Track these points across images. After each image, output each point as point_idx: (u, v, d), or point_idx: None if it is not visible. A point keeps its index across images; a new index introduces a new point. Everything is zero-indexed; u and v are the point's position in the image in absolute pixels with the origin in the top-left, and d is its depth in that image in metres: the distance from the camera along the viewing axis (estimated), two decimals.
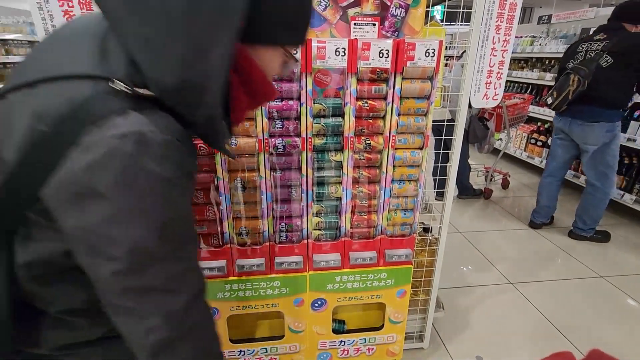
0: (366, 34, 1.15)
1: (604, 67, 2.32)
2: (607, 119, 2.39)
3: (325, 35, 1.16)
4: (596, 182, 2.57)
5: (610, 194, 2.58)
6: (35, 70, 0.49)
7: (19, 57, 4.72)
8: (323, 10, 1.14)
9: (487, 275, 2.32)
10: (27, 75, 0.49)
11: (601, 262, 2.48)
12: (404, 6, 1.16)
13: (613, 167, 2.52)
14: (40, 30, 1.06)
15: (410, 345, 1.68)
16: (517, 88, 4.76)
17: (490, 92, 1.38)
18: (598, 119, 2.40)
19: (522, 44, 4.53)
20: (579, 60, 2.47)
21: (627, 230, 2.94)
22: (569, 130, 2.57)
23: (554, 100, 2.50)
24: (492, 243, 2.73)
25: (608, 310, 2.01)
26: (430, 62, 1.12)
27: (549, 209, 2.89)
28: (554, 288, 2.20)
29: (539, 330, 1.87)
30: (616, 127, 2.42)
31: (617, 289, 2.20)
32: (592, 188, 2.61)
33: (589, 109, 2.41)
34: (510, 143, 4.30)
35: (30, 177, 0.45)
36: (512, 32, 1.32)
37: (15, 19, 5.01)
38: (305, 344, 1.43)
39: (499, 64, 1.35)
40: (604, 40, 2.36)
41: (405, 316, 1.47)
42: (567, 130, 2.58)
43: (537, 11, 10.16)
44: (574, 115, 2.49)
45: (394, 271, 1.36)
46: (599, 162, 2.52)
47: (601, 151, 2.47)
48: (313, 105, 1.13)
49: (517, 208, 3.36)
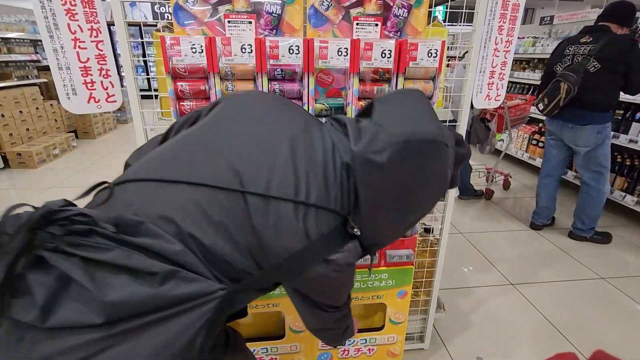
0: (369, 34, 1.15)
1: (591, 72, 2.35)
2: (597, 122, 2.41)
3: (328, 35, 1.16)
4: (590, 181, 2.59)
5: (605, 192, 2.59)
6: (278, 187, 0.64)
7: (21, 55, 4.73)
8: (325, 10, 1.14)
9: (487, 276, 2.32)
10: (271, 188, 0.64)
11: (602, 263, 2.48)
12: (406, 6, 1.15)
13: (606, 166, 2.54)
14: (43, 29, 1.06)
15: (410, 345, 1.68)
16: (519, 89, 4.75)
17: (492, 93, 1.38)
18: (588, 121, 2.42)
19: (524, 45, 4.52)
20: (566, 64, 2.50)
21: (628, 231, 2.93)
22: (561, 133, 2.61)
23: (545, 106, 2.53)
24: (493, 244, 2.73)
25: (609, 312, 2.01)
26: (432, 62, 1.12)
27: (549, 209, 2.89)
28: (554, 289, 2.20)
29: (539, 331, 1.86)
30: (606, 128, 2.44)
31: (618, 290, 2.20)
32: (586, 187, 2.63)
33: (579, 112, 2.44)
34: (512, 144, 4.29)
35: (290, 270, 0.67)
36: (515, 33, 1.32)
37: (17, 17, 5.02)
38: (306, 344, 1.43)
39: (501, 65, 1.35)
40: (590, 44, 2.38)
41: (406, 317, 1.47)
42: (559, 133, 2.62)
43: (539, 12, 10.14)
44: (565, 119, 2.53)
45: (395, 272, 1.36)
46: (591, 163, 2.54)
47: (593, 152, 2.50)
48: (315, 105, 1.13)
49: (518, 209, 3.35)
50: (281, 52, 1.06)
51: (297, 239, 0.64)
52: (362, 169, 0.67)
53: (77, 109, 1.17)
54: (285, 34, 1.14)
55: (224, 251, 0.62)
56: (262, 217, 0.62)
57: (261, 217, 0.62)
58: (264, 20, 1.12)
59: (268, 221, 0.63)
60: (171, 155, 0.70)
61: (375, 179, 0.67)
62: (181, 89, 1.07)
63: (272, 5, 1.11)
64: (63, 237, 0.53)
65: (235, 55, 1.05)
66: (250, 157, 0.66)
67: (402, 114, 0.70)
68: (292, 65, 1.08)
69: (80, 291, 0.52)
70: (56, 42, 1.08)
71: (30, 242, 0.52)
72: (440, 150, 0.69)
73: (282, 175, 0.65)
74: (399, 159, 0.66)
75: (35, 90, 4.61)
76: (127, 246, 0.55)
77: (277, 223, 0.63)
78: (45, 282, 0.51)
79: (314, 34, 1.15)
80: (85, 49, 1.12)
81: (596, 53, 2.32)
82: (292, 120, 0.72)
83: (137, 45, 8.48)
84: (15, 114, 4.20)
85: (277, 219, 0.63)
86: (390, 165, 0.65)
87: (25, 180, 3.76)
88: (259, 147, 0.67)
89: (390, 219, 0.73)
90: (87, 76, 1.15)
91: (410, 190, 0.70)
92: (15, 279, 0.51)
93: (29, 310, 0.50)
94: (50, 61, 1.09)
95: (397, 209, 0.72)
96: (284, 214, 0.63)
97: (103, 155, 4.66)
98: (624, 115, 3.10)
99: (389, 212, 0.71)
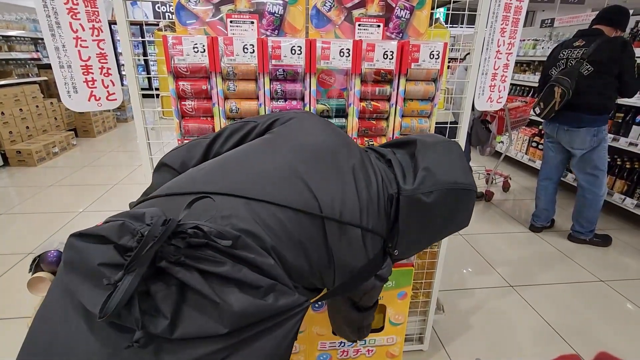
0: (371, 35, 1.15)
1: (585, 75, 2.36)
2: (593, 124, 2.42)
3: (330, 36, 1.16)
4: (586, 184, 2.61)
5: (601, 195, 2.60)
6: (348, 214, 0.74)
7: (21, 53, 4.72)
8: (328, 11, 1.14)
9: (487, 277, 2.32)
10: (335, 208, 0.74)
11: (601, 266, 2.48)
12: (408, 8, 1.15)
13: (602, 169, 2.55)
14: (45, 27, 1.06)
15: (410, 347, 1.68)
16: (519, 91, 4.76)
17: (494, 95, 1.38)
18: (583, 124, 2.44)
19: (525, 47, 4.52)
20: (560, 68, 2.52)
21: (627, 234, 2.93)
22: (557, 136, 2.62)
23: (541, 110, 2.56)
24: (493, 246, 2.73)
25: (608, 314, 2.01)
26: (434, 64, 1.12)
27: (548, 212, 2.90)
28: (554, 291, 2.20)
29: (539, 333, 1.86)
30: (602, 131, 2.45)
31: (617, 293, 2.19)
32: (582, 190, 2.65)
33: (574, 115, 2.45)
34: (512, 146, 4.29)
35: (353, 283, 0.78)
36: (517, 35, 1.32)
37: (18, 15, 5.01)
38: (305, 345, 1.43)
39: (503, 67, 1.35)
40: (583, 47, 2.39)
41: (406, 318, 1.47)
42: (556, 135, 2.64)
43: (540, 15, 10.16)
44: (561, 122, 2.55)
45: (395, 273, 1.36)
46: (587, 165, 2.56)
47: (589, 155, 2.51)
48: (317, 106, 1.13)
49: (518, 211, 3.35)
50: (283, 53, 1.06)
51: (360, 258, 0.76)
52: (409, 205, 0.79)
53: (77, 106, 1.17)
54: (287, 34, 1.14)
55: (303, 268, 0.70)
56: (337, 239, 0.72)
57: (337, 240, 0.72)
58: (266, 20, 1.12)
59: (341, 243, 0.73)
60: (250, 170, 0.73)
61: (417, 215, 0.80)
62: (183, 88, 1.07)
63: (275, 6, 1.11)
64: (184, 250, 0.55)
65: (237, 55, 1.05)
66: (325, 185, 0.74)
67: (447, 163, 0.83)
68: (294, 66, 1.08)
69: (199, 302, 0.54)
70: (58, 41, 1.08)
71: (156, 254, 0.54)
72: (472, 198, 0.85)
73: (351, 205, 0.74)
74: (442, 201, 0.79)
75: (36, 88, 4.61)
76: (236, 260, 0.58)
77: (349, 245, 0.73)
78: (168, 294, 0.53)
79: (316, 34, 1.15)
80: (87, 47, 1.12)
81: (589, 56, 2.34)
82: (351, 152, 0.82)
83: (137, 45, 8.47)
84: (15, 112, 4.19)
85: (348, 242, 0.73)
86: (435, 205, 0.79)
87: (24, 178, 3.75)
88: (331, 175, 0.76)
89: (418, 243, 0.89)
90: (88, 74, 1.14)
91: (441, 225, 0.86)
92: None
93: (158, 321, 0.52)
94: (51, 59, 1.09)
95: (426, 238, 0.89)
96: (354, 237, 0.74)
97: (103, 154, 4.65)
98: (624, 118, 3.11)
99: (420, 240, 0.88)
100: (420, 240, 0.88)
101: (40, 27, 1.07)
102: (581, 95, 2.37)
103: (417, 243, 0.88)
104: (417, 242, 0.87)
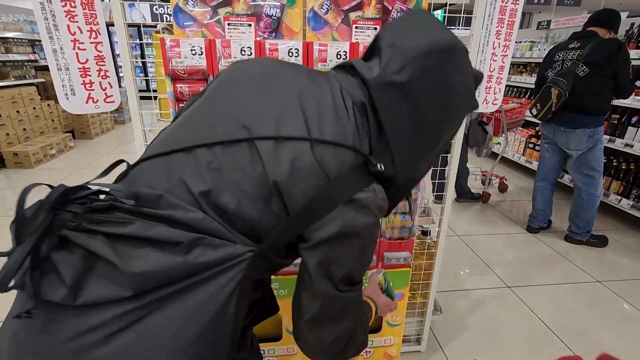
0: (368, 38, 1.16)
1: (581, 76, 2.39)
2: (589, 125, 2.45)
3: (327, 39, 1.17)
4: (582, 185, 2.63)
5: (597, 196, 2.62)
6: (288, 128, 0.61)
7: (19, 55, 4.71)
8: (325, 14, 1.14)
9: (484, 279, 2.33)
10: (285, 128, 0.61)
11: (598, 266, 2.49)
12: (405, 10, 1.16)
13: (598, 170, 2.57)
14: (43, 30, 1.06)
15: (407, 348, 1.69)
16: (516, 93, 4.79)
17: (490, 97, 1.39)
18: (579, 125, 2.47)
19: (522, 49, 4.55)
20: (556, 70, 2.55)
21: (624, 235, 2.95)
22: (554, 137, 2.65)
23: (538, 111, 2.58)
24: (490, 247, 2.74)
25: (604, 315, 2.02)
26: None
27: (545, 212, 2.91)
28: (551, 292, 2.21)
29: (536, 334, 1.87)
30: (598, 132, 2.48)
31: (614, 293, 2.21)
32: (579, 191, 2.67)
33: (570, 116, 2.48)
34: (509, 147, 4.31)
35: (314, 214, 0.60)
36: (513, 38, 1.33)
37: (15, 17, 5.00)
38: None
39: (499, 69, 1.36)
40: (578, 49, 2.43)
41: (403, 319, 1.47)
42: (552, 136, 2.66)
43: (537, 17, 10.22)
44: (557, 122, 2.57)
45: (393, 274, 1.36)
46: (583, 166, 2.58)
47: (585, 156, 2.54)
48: None
49: (515, 212, 3.37)
50: (280, 55, 1.07)
51: (314, 178, 0.59)
52: (383, 95, 0.62)
53: (75, 109, 1.17)
54: (284, 36, 1.15)
55: (244, 210, 0.59)
56: (274, 161, 0.58)
57: (272, 160, 0.59)
58: (263, 23, 1.12)
59: (281, 163, 0.58)
60: (177, 129, 0.68)
61: (399, 103, 0.62)
62: (180, 90, 1.07)
63: (272, 8, 1.11)
64: (84, 215, 0.53)
65: (235, 57, 1.06)
66: (258, 108, 0.63)
67: (415, 30, 0.65)
68: None
69: (106, 267, 0.52)
70: (56, 43, 1.08)
71: (52, 223, 0.52)
72: (462, 56, 0.65)
73: (293, 118, 0.61)
74: (422, 74, 0.61)
75: (33, 90, 4.60)
76: (149, 218, 0.55)
77: (292, 164, 0.58)
78: (71, 261, 0.51)
79: (313, 37, 1.16)
80: (85, 50, 1.12)
81: (584, 58, 2.37)
82: (297, 74, 0.69)
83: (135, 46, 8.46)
84: (13, 114, 4.18)
85: (291, 160, 0.58)
86: (414, 83, 0.61)
87: (21, 180, 3.74)
88: (267, 99, 0.64)
89: (422, 144, 0.67)
90: (86, 77, 1.15)
91: (438, 106, 0.64)
92: (42, 261, 0.51)
93: (58, 290, 0.51)
94: (49, 62, 1.09)
95: (428, 130, 0.66)
96: (298, 153, 0.59)
97: (100, 155, 4.64)
98: (620, 120, 3.13)
99: (421, 136, 0.66)
100: (423, 139, 0.66)
101: (37, 29, 1.07)
102: (577, 97, 2.39)
103: (417, 149, 0.67)
104: (417, 147, 0.67)
